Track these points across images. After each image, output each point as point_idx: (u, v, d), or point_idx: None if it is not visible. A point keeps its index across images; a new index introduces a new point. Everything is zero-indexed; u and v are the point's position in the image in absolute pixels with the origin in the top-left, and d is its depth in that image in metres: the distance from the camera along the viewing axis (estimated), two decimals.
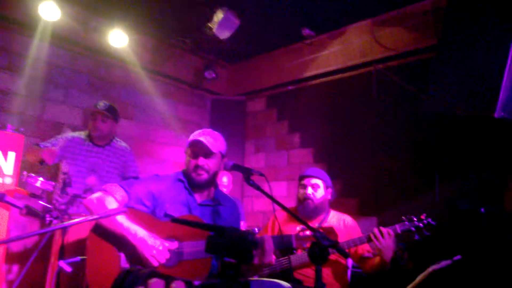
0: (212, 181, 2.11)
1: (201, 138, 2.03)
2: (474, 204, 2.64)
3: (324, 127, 4.64)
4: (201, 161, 2.04)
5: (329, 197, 2.97)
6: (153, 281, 0.50)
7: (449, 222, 2.62)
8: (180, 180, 2.10)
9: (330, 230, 1.97)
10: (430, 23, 3.52)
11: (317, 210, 2.88)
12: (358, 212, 4.16)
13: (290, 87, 5.05)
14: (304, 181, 2.93)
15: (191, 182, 2.07)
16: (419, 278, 1.86)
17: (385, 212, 3.67)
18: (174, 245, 1.85)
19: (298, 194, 2.96)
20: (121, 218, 1.82)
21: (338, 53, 4.40)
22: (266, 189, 1.84)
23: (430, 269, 1.84)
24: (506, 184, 3.22)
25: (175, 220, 0.97)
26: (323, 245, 1.45)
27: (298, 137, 5.00)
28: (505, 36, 2.56)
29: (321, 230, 1.96)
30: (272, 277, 2.60)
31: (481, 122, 2.74)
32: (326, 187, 2.95)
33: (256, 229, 3.69)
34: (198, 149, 2.05)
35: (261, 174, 1.86)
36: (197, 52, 5.04)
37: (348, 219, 2.95)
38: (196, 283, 0.66)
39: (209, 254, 1.88)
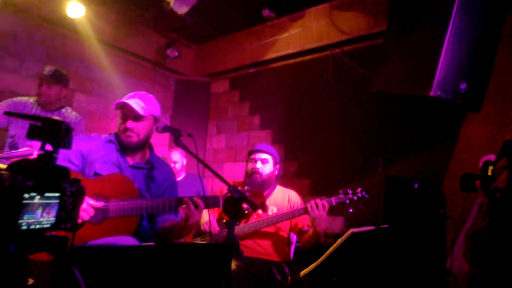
0: (144, 144, 2.12)
1: (129, 101, 2.03)
2: (411, 181, 2.75)
3: (283, 109, 4.70)
4: (130, 123, 2.04)
5: (276, 172, 3.03)
6: None
7: (385, 194, 2.73)
8: (111, 142, 2.10)
9: (258, 193, 2.03)
10: (382, 9, 3.60)
11: (264, 184, 2.93)
12: (310, 192, 4.25)
13: (251, 70, 5.08)
14: (254, 156, 2.97)
15: (121, 144, 2.08)
16: (340, 240, 1.94)
17: (334, 191, 3.77)
18: (100, 203, 1.85)
19: (246, 168, 3.01)
20: None
21: (297, 36, 4.44)
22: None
23: (349, 231, 1.92)
24: (446, 165, 3.37)
25: (7, 113, 1.00)
26: (234, 197, 1.50)
27: (258, 119, 5.05)
28: (444, 20, 2.67)
29: (247, 193, 2.02)
30: None
31: (420, 102, 2.85)
32: (275, 163, 3.00)
33: None
34: (127, 112, 2.06)
35: (190, 135, 1.90)
36: (159, 29, 5.00)
37: (292, 194, 3.02)
38: None
39: (135, 213, 1.92)
